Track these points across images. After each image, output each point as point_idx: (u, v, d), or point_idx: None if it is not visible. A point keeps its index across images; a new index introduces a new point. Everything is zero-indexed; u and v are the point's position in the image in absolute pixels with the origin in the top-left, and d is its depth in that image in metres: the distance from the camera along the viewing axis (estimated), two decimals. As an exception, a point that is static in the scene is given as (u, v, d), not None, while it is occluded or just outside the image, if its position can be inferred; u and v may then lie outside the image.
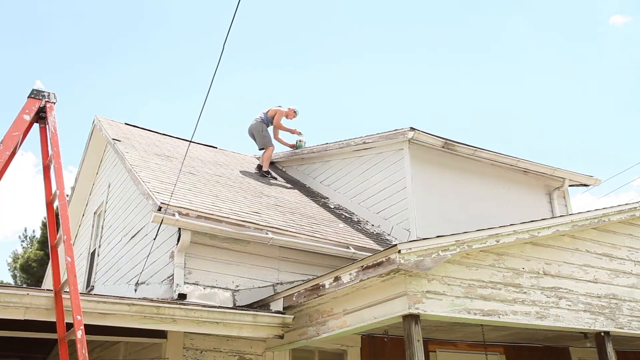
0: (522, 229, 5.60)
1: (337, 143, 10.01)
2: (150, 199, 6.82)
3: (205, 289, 6.54)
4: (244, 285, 6.82)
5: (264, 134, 10.61)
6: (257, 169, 10.61)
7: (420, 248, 4.88)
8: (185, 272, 6.48)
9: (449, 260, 5.17)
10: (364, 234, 8.43)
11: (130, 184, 8.47)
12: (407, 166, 8.58)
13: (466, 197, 8.94)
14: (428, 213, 8.40)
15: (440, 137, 8.64)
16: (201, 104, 4.92)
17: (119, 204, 9.09)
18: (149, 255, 7.17)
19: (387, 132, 8.89)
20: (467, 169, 9.13)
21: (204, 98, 4.80)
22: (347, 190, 9.78)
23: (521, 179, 9.69)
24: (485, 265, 5.42)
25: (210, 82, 4.37)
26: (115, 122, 11.18)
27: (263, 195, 8.95)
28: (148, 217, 7.26)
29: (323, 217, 8.78)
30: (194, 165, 9.50)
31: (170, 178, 7.88)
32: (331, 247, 7.33)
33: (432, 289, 5.02)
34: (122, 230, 8.66)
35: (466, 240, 5.17)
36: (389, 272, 4.93)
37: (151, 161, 8.74)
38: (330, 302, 5.71)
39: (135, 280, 7.43)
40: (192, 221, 6.48)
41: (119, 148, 8.91)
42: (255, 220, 7.12)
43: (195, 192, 7.69)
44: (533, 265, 5.74)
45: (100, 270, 9.26)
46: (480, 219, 8.42)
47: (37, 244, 23.80)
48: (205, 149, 11.70)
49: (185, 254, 6.54)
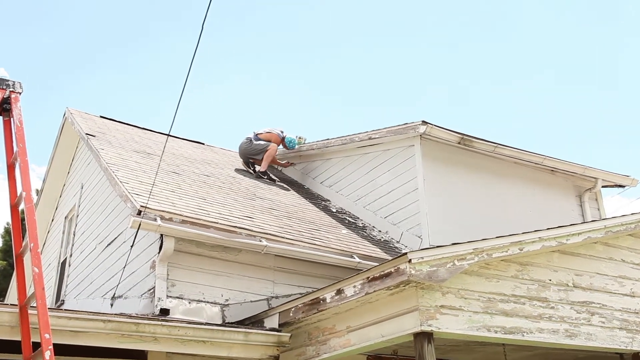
0: (548, 236, 5.59)
1: (339, 139, 10.01)
2: (128, 202, 6.81)
3: (190, 304, 6.52)
4: (234, 299, 6.81)
5: (258, 143, 10.46)
6: (248, 166, 10.59)
7: (433, 257, 4.86)
8: (168, 285, 6.46)
9: (466, 271, 5.15)
10: (370, 241, 8.42)
11: (106, 184, 8.46)
12: (418, 165, 8.57)
13: (485, 200, 8.93)
14: (442, 218, 8.39)
15: (456, 132, 8.63)
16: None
17: (93, 208, 9.08)
18: (127, 266, 7.16)
19: (396, 126, 8.88)
20: (486, 168, 9.12)
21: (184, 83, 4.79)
22: (350, 192, 9.77)
23: (548, 179, 9.68)
24: (507, 277, 5.40)
25: (189, 66, 4.36)
26: (90, 115, 11.18)
27: (256, 197, 8.94)
28: (126, 222, 7.25)
29: (324, 222, 8.77)
30: (178, 164, 9.49)
31: (152, 178, 7.87)
32: (333, 256, 7.32)
33: (447, 303, 5.01)
34: (96, 237, 8.65)
35: (485, 248, 5.16)
36: (398, 284, 4.92)
37: (130, 159, 8.74)
38: (332, 318, 5.70)
39: (112, 294, 7.41)
40: (176, 226, 6.47)
41: (93, 144, 8.91)
42: (247, 226, 7.10)
43: (179, 193, 7.69)
44: (561, 277, 5.73)
45: (72, 283, 9.25)
46: (501, 225, 8.40)
47: (0, 252, 23.82)
48: (191, 145, 11.70)
49: (168, 264, 6.52)
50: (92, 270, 8.46)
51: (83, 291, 8.63)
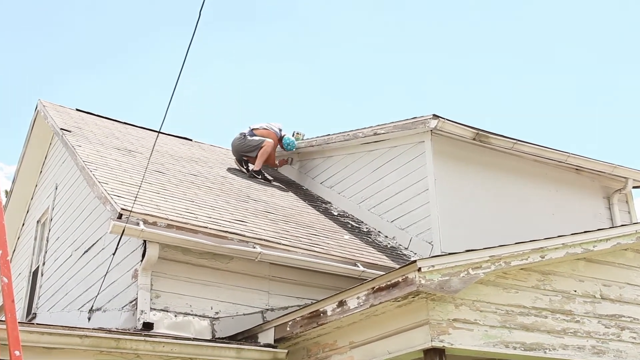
0: (573, 242, 5.58)
1: (341, 134, 10.00)
2: (108, 204, 6.80)
3: (176, 317, 6.52)
4: (225, 311, 6.80)
5: (252, 139, 10.46)
6: (241, 165, 10.58)
7: (445, 265, 4.86)
8: (152, 296, 6.46)
9: (482, 281, 5.15)
10: (375, 247, 8.42)
11: (83, 185, 8.45)
12: (429, 163, 8.57)
13: (503, 202, 8.93)
14: (455, 222, 8.39)
15: (471, 127, 8.63)
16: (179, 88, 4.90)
17: (69, 211, 9.08)
18: (107, 275, 7.16)
19: (404, 120, 8.88)
20: (504, 167, 9.11)
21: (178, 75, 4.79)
22: (354, 193, 9.77)
23: (572, 179, 9.68)
24: (527, 287, 5.40)
25: (184, 59, 4.35)
26: (65, 108, 11.17)
27: (250, 199, 8.94)
28: (105, 227, 7.25)
29: (324, 226, 8.77)
30: (163, 162, 9.49)
31: (134, 178, 7.87)
32: (334, 264, 7.32)
33: (460, 316, 5.01)
34: (72, 243, 8.64)
35: (503, 255, 5.16)
36: (406, 296, 4.92)
37: (109, 157, 8.73)
38: (334, 333, 5.69)
39: (89, 306, 7.41)
40: (160, 231, 6.46)
41: (68, 140, 8.90)
42: (239, 231, 7.10)
43: (165, 195, 7.68)
44: (587, 288, 5.73)
45: (45, 294, 9.24)
46: (520, 229, 8.39)
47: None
48: (178, 141, 11.71)
49: (152, 273, 6.52)
50: (68, 280, 8.45)
51: (57, 303, 8.62)
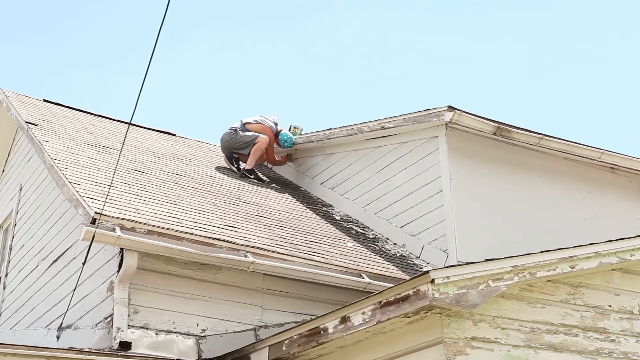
0: (607, 250, 5.58)
1: (344, 128, 10.00)
2: (80, 207, 6.80)
3: (158, 335, 6.51)
4: (213, 329, 6.80)
5: (244, 134, 10.46)
6: (231, 163, 10.58)
7: (462, 276, 4.86)
8: (130, 311, 6.46)
9: (504, 294, 5.15)
10: (383, 256, 8.42)
11: (52, 186, 8.45)
12: (443, 161, 8.57)
13: (527, 205, 8.93)
14: (473, 227, 8.39)
15: (492, 120, 8.63)
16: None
17: (36, 215, 9.07)
18: (78, 288, 7.15)
19: (416, 112, 8.88)
20: (528, 166, 9.11)
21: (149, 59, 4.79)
22: (358, 195, 9.77)
23: (607, 179, 9.67)
24: (555, 302, 5.40)
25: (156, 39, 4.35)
26: (31, 99, 11.18)
27: (241, 202, 8.95)
28: (77, 233, 7.24)
29: (325, 232, 8.77)
30: (143, 160, 9.49)
31: (110, 178, 7.86)
32: (336, 275, 7.32)
33: (479, 334, 5.01)
34: (39, 251, 8.64)
35: (528, 265, 5.16)
36: (418, 311, 4.91)
37: (82, 154, 8.74)
38: (336, 353, 5.70)
39: (58, 323, 7.40)
40: (140, 238, 6.46)
41: (35, 135, 8.91)
42: (229, 238, 7.10)
43: (144, 197, 7.69)
44: (624, 302, 5.72)
45: (8, 309, 9.24)
46: (547, 236, 8.40)
47: None
48: (159, 136, 11.72)
49: (130, 286, 6.51)
50: (34, 294, 8.45)
51: (22, 320, 8.62)
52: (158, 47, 4.79)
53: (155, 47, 4.77)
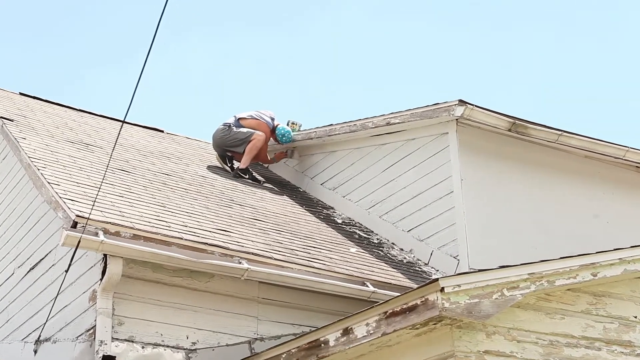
0: (633, 256, 5.59)
1: (346, 124, 10.00)
2: (59, 210, 6.79)
3: (144, 348, 6.52)
4: (204, 341, 6.80)
5: (238, 131, 10.46)
6: (224, 162, 10.58)
7: (474, 285, 4.87)
8: (114, 323, 6.45)
9: (520, 304, 5.16)
10: (389, 263, 8.42)
11: (29, 187, 8.44)
12: (454, 159, 8.57)
13: (545, 207, 8.93)
14: (486, 231, 8.39)
15: (506, 116, 8.63)
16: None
17: (11, 219, 9.06)
18: (58, 297, 7.15)
19: (424, 107, 8.88)
20: (546, 164, 9.11)
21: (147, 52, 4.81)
22: (362, 197, 9.77)
23: (632, 179, 9.67)
24: (575, 312, 5.41)
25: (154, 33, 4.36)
26: (6, 92, 11.18)
27: (235, 203, 8.95)
28: (57, 238, 7.24)
29: (326, 237, 8.78)
30: (128, 159, 9.49)
31: (92, 178, 7.87)
32: (338, 283, 7.32)
33: (493, 347, 5.01)
34: (15, 258, 8.62)
35: (546, 273, 5.16)
36: (426, 322, 4.92)
37: (62, 151, 8.74)
38: (338, 368, 5.69)
39: (36, 336, 7.40)
40: (125, 243, 6.46)
41: (10, 131, 8.90)
42: (222, 243, 7.10)
43: (130, 199, 7.69)
44: (650, 312, 5.73)
45: (-17, 320, 9.24)
46: (566, 241, 8.40)
47: None
48: (146, 133, 11.70)
49: (114, 295, 6.51)
50: (9, 304, 8.44)
51: (-2, 332, 8.62)
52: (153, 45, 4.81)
53: (152, 47, 4.79)
